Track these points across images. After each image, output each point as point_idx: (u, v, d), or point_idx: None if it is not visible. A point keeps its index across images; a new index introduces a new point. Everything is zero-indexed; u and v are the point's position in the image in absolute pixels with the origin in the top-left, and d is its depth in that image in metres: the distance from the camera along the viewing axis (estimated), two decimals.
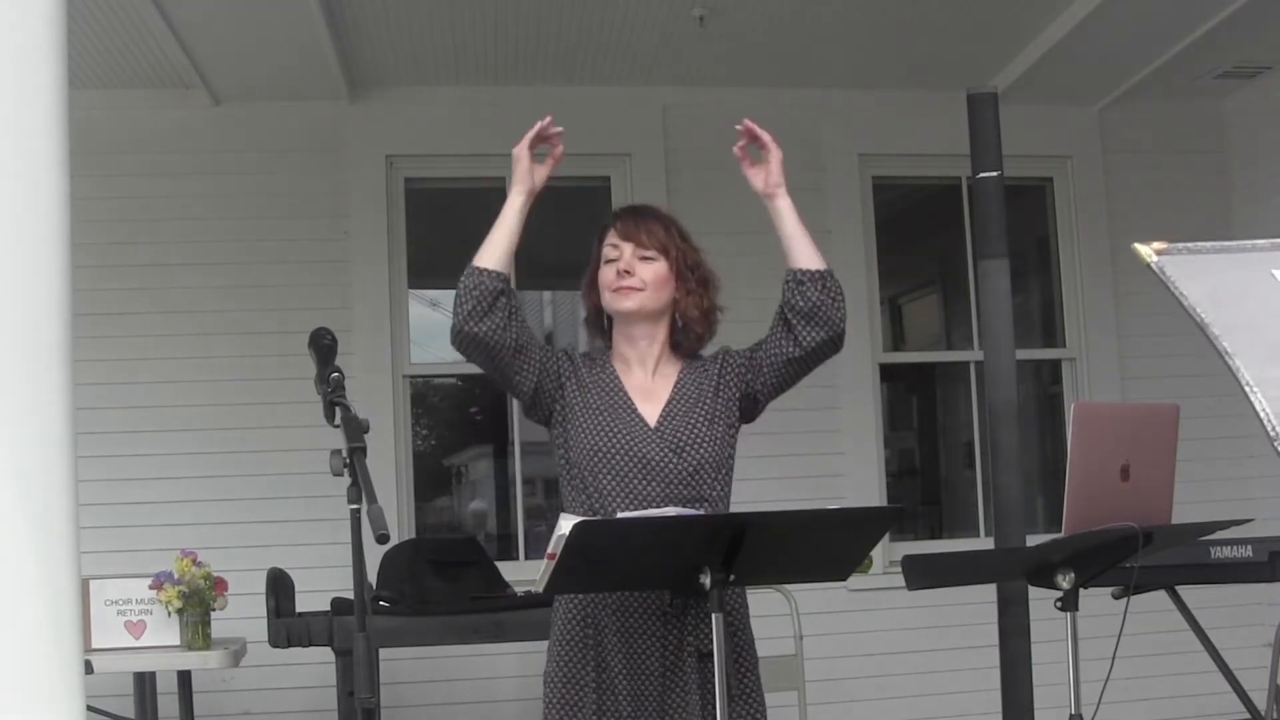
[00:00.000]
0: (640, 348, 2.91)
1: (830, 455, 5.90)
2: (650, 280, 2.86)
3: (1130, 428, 2.98)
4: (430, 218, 6.02)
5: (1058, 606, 2.88)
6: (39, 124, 1.93)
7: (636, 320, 2.89)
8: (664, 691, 2.72)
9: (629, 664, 2.73)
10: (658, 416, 2.84)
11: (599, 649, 2.76)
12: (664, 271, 2.87)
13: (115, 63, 5.30)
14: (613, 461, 2.78)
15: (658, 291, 2.86)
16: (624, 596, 2.75)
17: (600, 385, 2.87)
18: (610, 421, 2.81)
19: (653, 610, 2.74)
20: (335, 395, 2.76)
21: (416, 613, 4.52)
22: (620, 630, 2.75)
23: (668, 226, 2.92)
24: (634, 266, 2.85)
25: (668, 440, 2.80)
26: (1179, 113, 6.28)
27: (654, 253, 2.87)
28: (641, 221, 2.91)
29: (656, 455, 2.78)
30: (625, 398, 2.85)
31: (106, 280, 5.38)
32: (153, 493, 5.41)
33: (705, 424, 2.83)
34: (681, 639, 2.73)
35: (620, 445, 2.78)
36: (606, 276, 2.90)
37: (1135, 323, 6.24)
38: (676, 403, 2.86)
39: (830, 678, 5.44)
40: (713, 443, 2.82)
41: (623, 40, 5.44)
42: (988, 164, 3.38)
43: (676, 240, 2.90)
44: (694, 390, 2.88)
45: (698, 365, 2.94)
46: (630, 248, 2.87)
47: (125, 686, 4.40)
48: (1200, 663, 4.35)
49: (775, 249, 3.13)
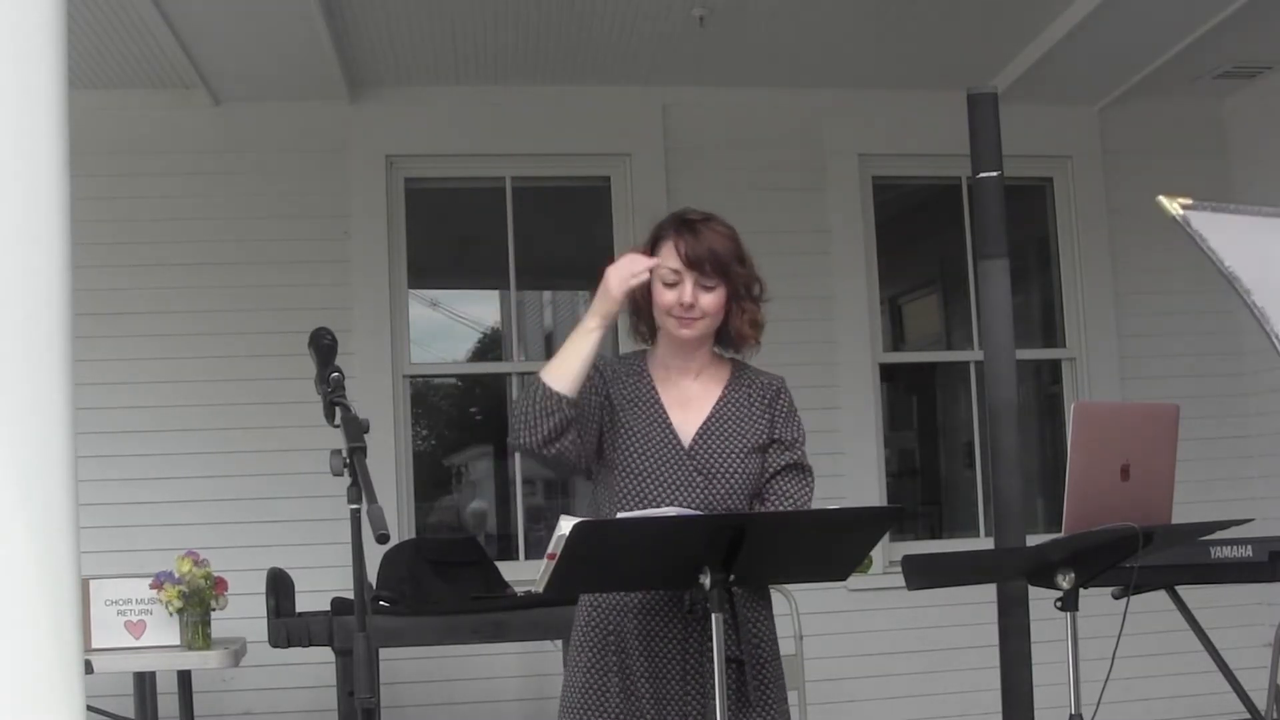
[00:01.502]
0: (684, 355, 2.89)
1: (830, 455, 5.89)
2: (713, 310, 2.82)
3: (1130, 428, 2.98)
4: (430, 218, 6.01)
5: (1058, 606, 2.88)
6: (39, 124, 1.93)
7: (692, 339, 2.87)
8: (684, 695, 2.72)
9: (651, 666, 2.73)
10: (694, 435, 2.82)
11: (621, 652, 2.76)
12: (724, 297, 2.83)
13: (115, 63, 5.30)
14: (644, 481, 2.78)
15: (716, 318, 2.85)
16: (646, 599, 2.75)
17: (636, 400, 2.85)
18: (645, 444, 2.80)
19: (675, 613, 2.74)
20: (335, 395, 2.76)
21: (416, 613, 4.52)
22: (642, 633, 2.75)
23: (726, 245, 2.83)
24: (697, 298, 2.80)
25: (699, 464, 2.80)
26: (1179, 113, 6.28)
27: (716, 280, 2.81)
28: (706, 248, 2.80)
29: (687, 479, 2.79)
30: (660, 413, 2.83)
31: (106, 280, 5.38)
32: (153, 493, 5.41)
33: (741, 455, 2.81)
34: (704, 643, 2.70)
35: (653, 468, 2.78)
36: (666, 300, 2.81)
37: (1135, 323, 6.25)
38: (716, 421, 2.84)
39: (830, 678, 5.44)
40: (746, 473, 2.81)
41: (623, 40, 5.44)
42: (988, 164, 3.38)
43: (734, 260, 2.83)
44: (738, 411, 2.86)
45: (748, 381, 2.91)
46: (693, 277, 2.80)
47: (125, 686, 4.40)
48: (1200, 663, 4.35)
49: (774, 249, 3.14)
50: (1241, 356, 6.24)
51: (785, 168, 6.06)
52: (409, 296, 5.90)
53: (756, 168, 6.00)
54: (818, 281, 5.98)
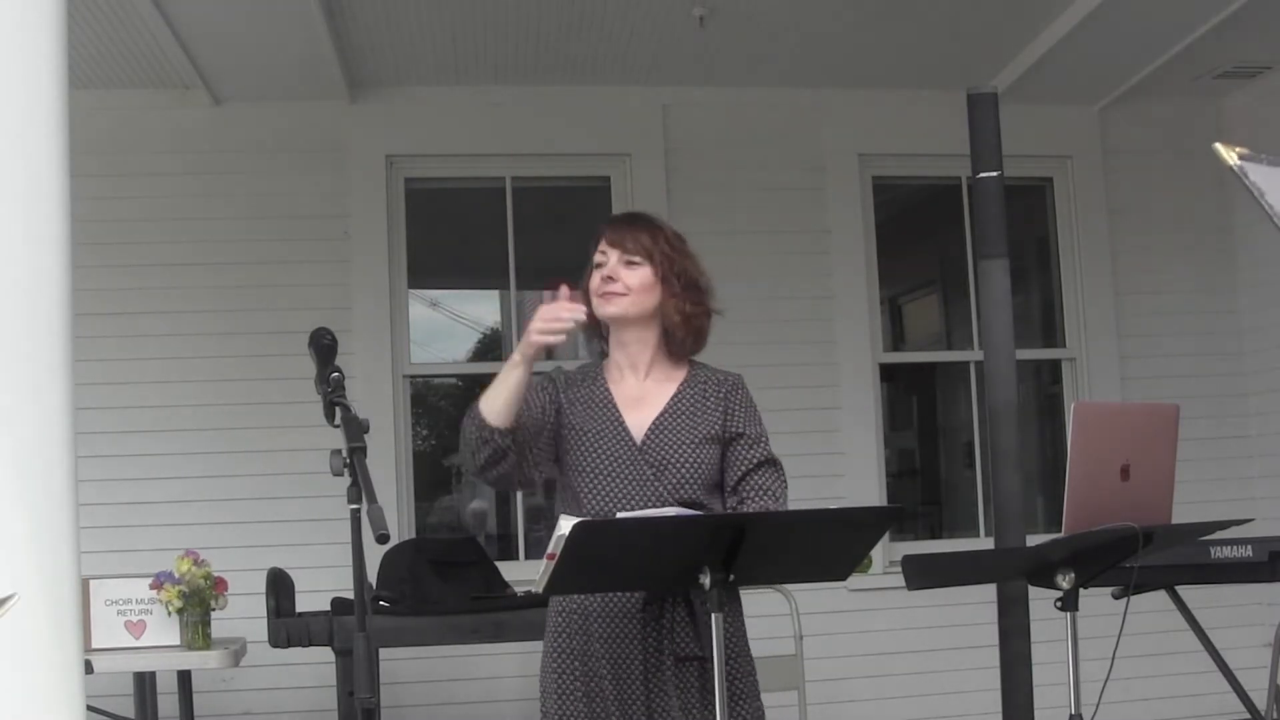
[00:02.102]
0: (631, 352, 2.93)
1: (830, 455, 5.90)
2: (635, 286, 2.87)
3: (1130, 428, 2.98)
4: (430, 218, 6.02)
5: (1058, 606, 2.88)
6: (40, 124, 1.93)
7: (625, 326, 2.91)
8: (649, 694, 2.75)
9: (614, 667, 2.77)
10: (645, 430, 2.86)
11: (586, 655, 2.79)
12: (649, 277, 2.88)
13: (115, 63, 5.30)
14: (598, 480, 2.82)
15: (642, 296, 2.87)
16: (610, 600, 2.78)
17: (589, 401, 2.89)
18: (596, 441, 2.85)
19: (636, 614, 2.77)
20: (335, 395, 2.77)
21: (416, 613, 4.52)
22: (606, 635, 2.78)
23: (655, 233, 2.92)
24: (618, 273, 2.87)
25: (650, 459, 2.83)
26: (1179, 113, 6.28)
27: (639, 258, 2.88)
28: (629, 228, 2.92)
29: (638, 473, 2.82)
30: (613, 412, 2.88)
31: (107, 280, 5.38)
32: (153, 493, 5.41)
33: (691, 445, 2.85)
34: (660, 642, 2.77)
35: (605, 465, 2.83)
36: (594, 282, 2.91)
37: (1135, 323, 6.25)
38: (669, 416, 2.88)
39: (830, 678, 5.43)
40: (698, 464, 2.84)
41: (623, 40, 5.44)
42: (988, 164, 3.38)
43: (664, 246, 2.90)
44: (692, 406, 2.89)
45: (704, 379, 2.94)
46: (616, 254, 2.89)
47: (125, 686, 4.40)
48: (1200, 663, 4.35)
49: (773, 249, 3.14)
50: (1241, 356, 6.24)
51: (785, 168, 6.06)
52: (409, 296, 5.90)
53: (756, 168, 6.00)
54: (818, 281, 5.97)
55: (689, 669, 2.75)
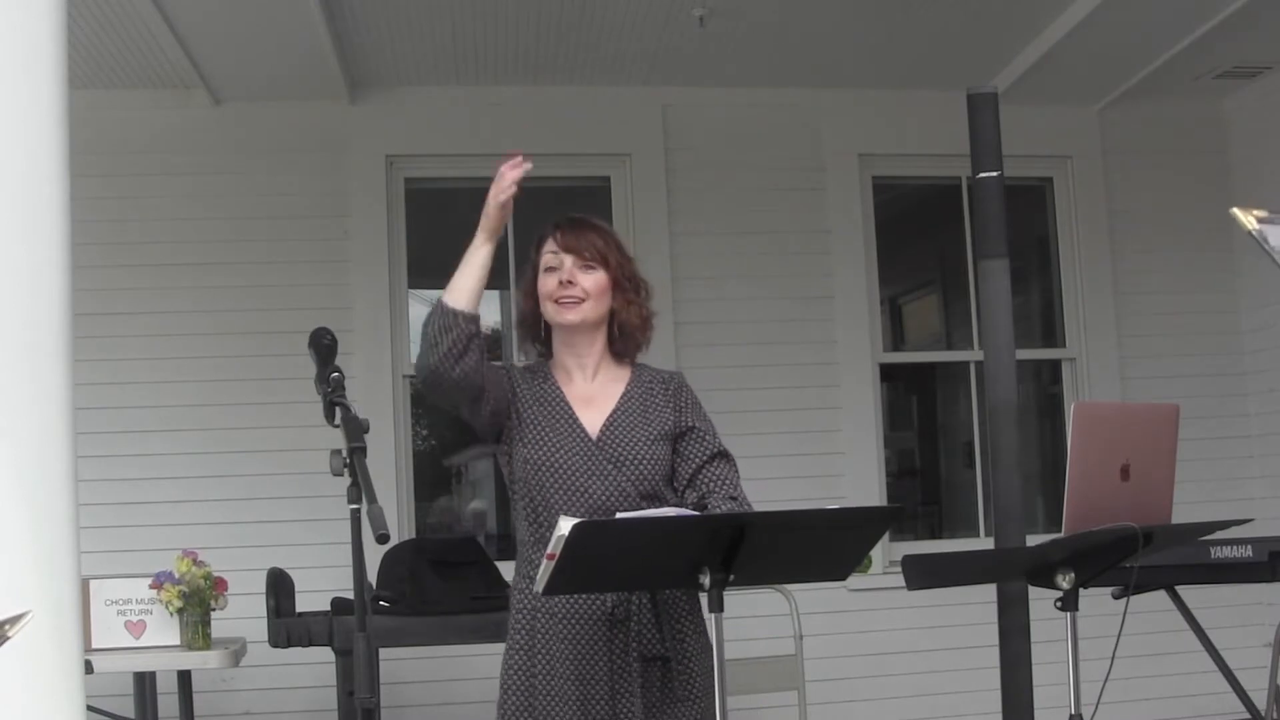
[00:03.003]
0: (579, 354, 2.95)
1: (830, 455, 5.90)
2: (592, 290, 2.89)
3: (1130, 428, 2.98)
4: (430, 218, 6.02)
5: (1058, 606, 2.88)
6: (40, 124, 1.93)
7: (577, 329, 2.92)
8: (614, 696, 2.77)
9: (578, 668, 2.77)
10: (600, 427, 2.88)
11: (548, 655, 2.79)
12: (604, 281, 2.91)
13: (115, 63, 5.30)
14: (556, 474, 2.83)
15: (599, 301, 2.91)
16: (574, 601, 2.79)
17: (541, 398, 2.91)
18: (552, 435, 2.86)
19: (599, 617, 2.79)
20: (335, 395, 2.77)
21: (416, 613, 4.52)
22: (570, 636, 2.79)
23: (606, 237, 2.96)
24: (575, 277, 2.89)
25: (608, 453, 2.85)
26: (1179, 113, 6.28)
27: (595, 263, 2.90)
28: (582, 233, 2.94)
29: (598, 468, 2.83)
30: (567, 409, 2.90)
31: (106, 280, 5.38)
32: (153, 493, 5.41)
33: (647, 442, 2.87)
34: (627, 644, 2.79)
35: (562, 459, 2.83)
36: (547, 286, 2.92)
37: (1135, 323, 6.25)
38: (622, 414, 2.90)
39: (830, 678, 5.44)
40: (653, 461, 2.86)
41: (623, 40, 5.44)
42: (988, 164, 3.38)
43: (615, 251, 2.94)
44: (642, 404, 2.93)
45: (649, 378, 2.98)
46: (571, 259, 2.90)
47: (125, 686, 4.40)
48: (1200, 663, 4.36)
49: (772, 249, 3.14)
50: (1241, 356, 6.24)
51: (785, 168, 6.06)
52: (409, 296, 5.90)
53: (756, 168, 6.00)
54: (818, 281, 5.97)
55: (653, 669, 2.79)
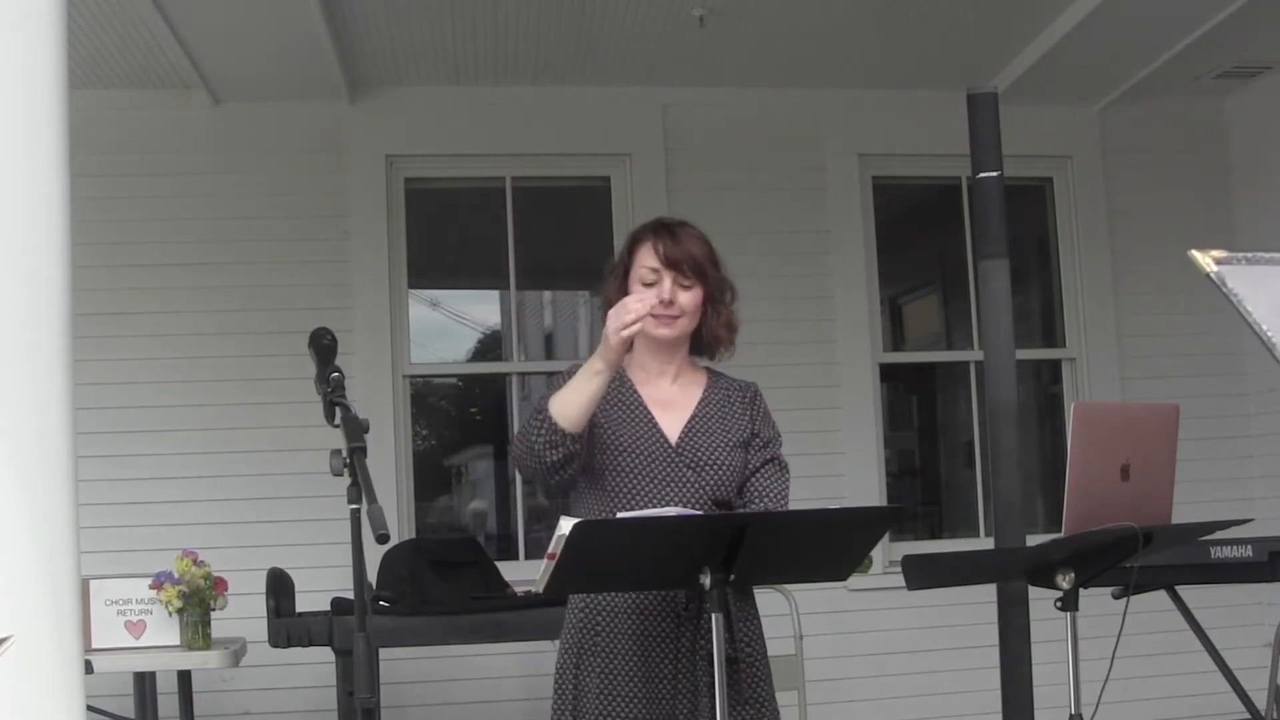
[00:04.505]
0: (663, 358, 2.95)
1: (830, 455, 5.90)
2: (689, 308, 2.90)
3: (1130, 428, 2.98)
4: (430, 218, 6.02)
5: (1058, 606, 2.88)
6: (39, 124, 1.93)
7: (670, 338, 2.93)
8: (674, 695, 2.75)
9: (644, 667, 2.75)
10: (680, 432, 2.88)
11: (610, 653, 2.78)
12: (700, 297, 2.91)
13: (115, 63, 5.30)
14: (636, 480, 2.82)
15: (694, 317, 2.92)
16: (640, 600, 2.77)
17: (619, 400, 2.90)
18: (632, 439, 2.85)
19: (668, 613, 2.77)
20: (335, 395, 2.77)
21: (416, 613, 4.52)
22: (636, 634, 2.77)
23: (703, 248, 2.92)
24: (676, 296, 2.88)
25: (687, 459, 2.85)
26: (1179, 113, 6.28)
27: (693, 280, 2.89)
28: (683, 249, 2.89)
29: (677, 473, 2.83)
30: (645, 412, 2.90)
31: (106, 280, 5.38)
32: (152, 493, 5.41)
33: (726, 449, 2.88)
34: (695, 642, 2.76)
35: (642, 466, 2.83)
36: (643, 300, 2.83)
37: (1135, 323, 6.25)
38: (700, 420, 2.91)
39: (830, 678, 5.44)
40: (732, 467, 2.87)
41: (623, 40, 5.44)
42: (988, 164, 3.38)
43: (710, 263, 2.92)
44: (720, 410, 2.93)
45: (726, 385, 2.98)
46: (671, 276, 2.87)
47: (125, 686, 4.40)
48: (1200, 663, 4.36)
49: (772, 249, 3.14)
50: (1241, 356, 6.24)
51: (785, 168, 6.06)
52: (409, 296, 5.90)
53: (756, 168, 6.00)
54: (818, 281, 5.98)
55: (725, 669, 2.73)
